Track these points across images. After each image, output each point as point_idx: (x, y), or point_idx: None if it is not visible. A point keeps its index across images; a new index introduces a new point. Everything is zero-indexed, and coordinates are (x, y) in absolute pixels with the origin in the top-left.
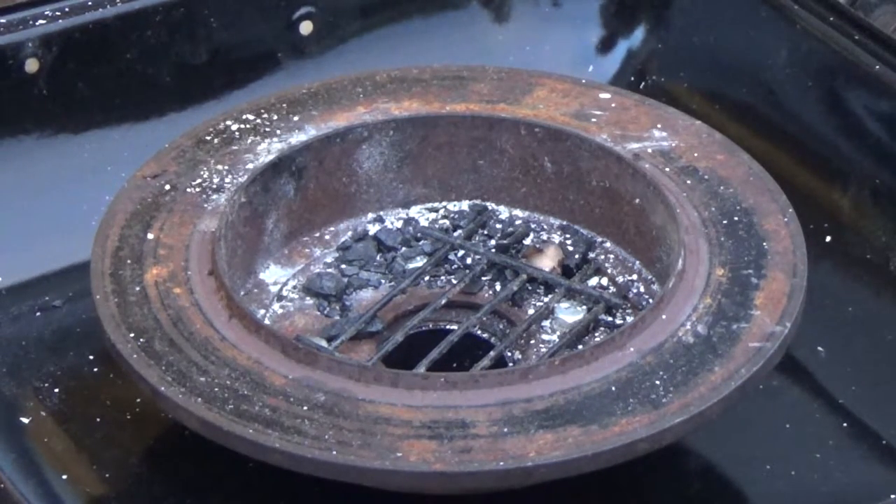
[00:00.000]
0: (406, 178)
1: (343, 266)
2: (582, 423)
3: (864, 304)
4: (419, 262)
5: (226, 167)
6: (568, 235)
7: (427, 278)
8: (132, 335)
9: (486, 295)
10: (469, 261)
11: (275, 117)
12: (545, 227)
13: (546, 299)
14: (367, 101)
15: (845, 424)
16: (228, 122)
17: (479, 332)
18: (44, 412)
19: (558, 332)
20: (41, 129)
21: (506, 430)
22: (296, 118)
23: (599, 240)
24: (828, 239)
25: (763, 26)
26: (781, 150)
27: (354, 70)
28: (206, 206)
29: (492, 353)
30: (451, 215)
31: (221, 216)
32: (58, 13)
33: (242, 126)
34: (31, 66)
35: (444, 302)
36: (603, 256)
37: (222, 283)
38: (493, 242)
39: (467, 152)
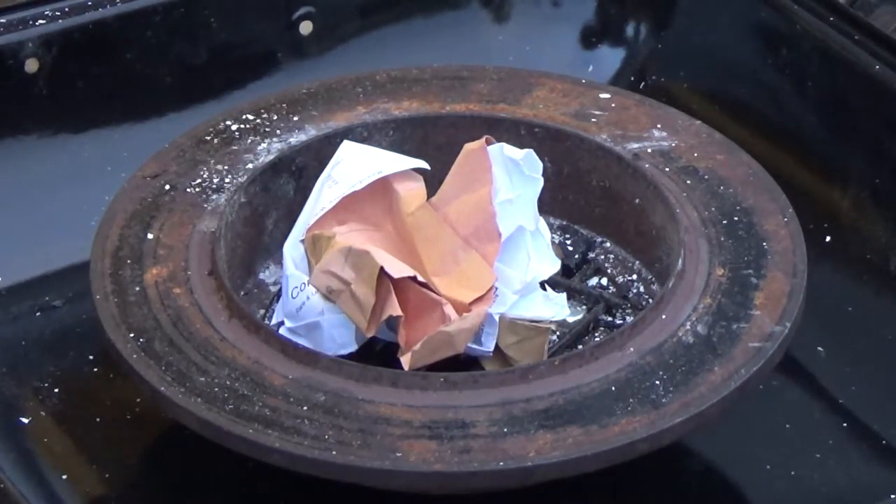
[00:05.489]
0: None
1: None
2: (582, 423)
3: (864, 304)
4: None
5: (226, 167)
6: (568, 235)
7: None
8: (132, 335)
9: None
10: None
11: (275, 117)
12: None
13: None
14: (367, 101)
15: (845, 424)
16: (228, 122)
17: None
18: (44, 412)
19: (558, 332)
20: (41, 129)
21: (506, 430)
22: (296, 118)
23: (599, 240)
24: (828, 239)
25: (763, 26)
26: (781, 150)
27: (354, 70)
28: (206, 206)
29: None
30: None
31: (221, 216)
32: (58, 13)
33: (242, 126)
34: (31, 66)
35: None
36: (603, 256)
37: (222, 283)
38: None
39: None
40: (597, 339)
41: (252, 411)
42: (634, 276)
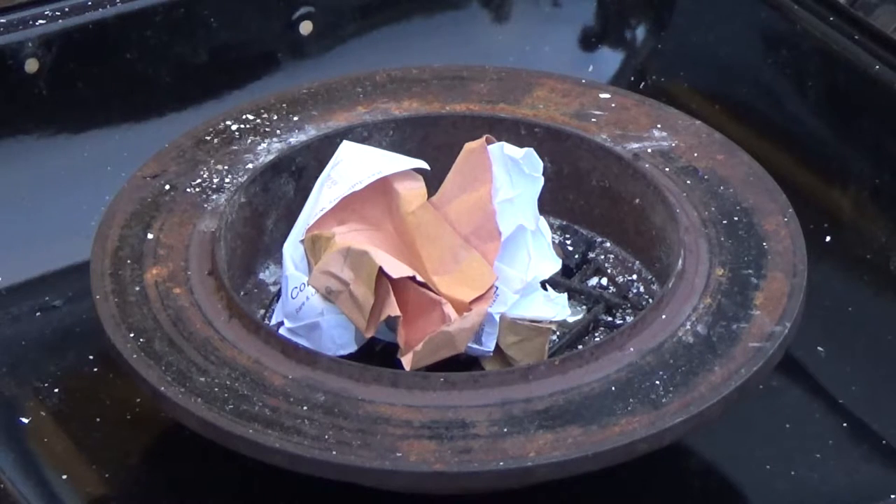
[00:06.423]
0: None
1: None
2: (582, 423)
3: (864, 304)
4: None
5: (226, 167)
6: (568, 235)
7: None
8: (132, 335)
9: None
10: None
11: (275, 117)
12: None
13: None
14: (367, 101)
15: (845, 424)
16: (228, 122)
17: None
18: (44, 412)
19: (558, 332)
20: (41, 129)
21: (506, 430)
22: (296, 118)
23: (599, 240)
24: (828, 239)
25: (763, 26)
26: (781, 150)
27: (354, 70)
28: (206, 206)
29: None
30: None
31: (221, 216)
32: (58, 13)
33: (242, 126)
34: (31, 66)
35: None
36: (603, 256)
37: (222, 283)
38: None
39: None
40: (597, 339)
41: (252, 411)
42: (634, 276)
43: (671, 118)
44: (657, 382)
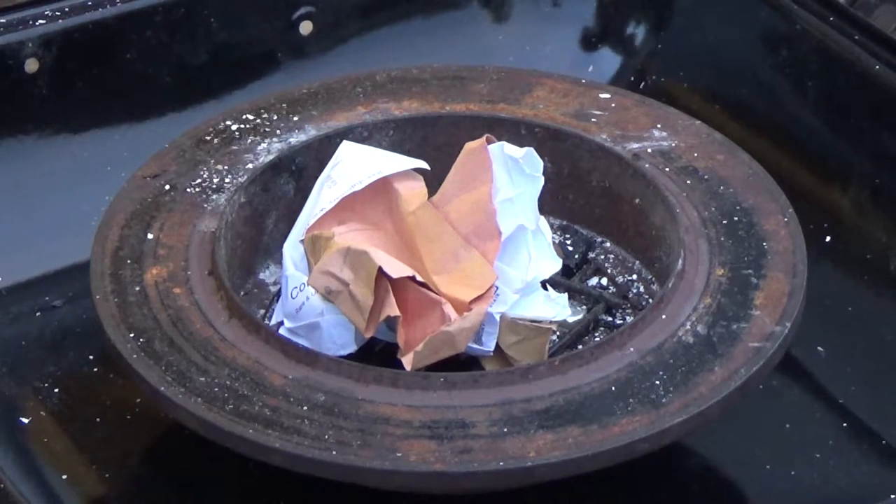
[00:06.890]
0: None
1: None
2: (582, 423)
3: (864, 304)
4: None
5: (226, 167)
6: (568, 235)
7: None
8: (132, 335)
9: None
10: None
11: (275, 117)
12: None
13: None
14: (367, 101)
15: (845, 424)
16: (228, 122)
17: None
18: (44, 412)
19: (558, 332)
20: (41, 129)
21: (506, 430)
22: (296, 118)
23: (599, 240)
24: (828, 239)
25: (763, 26)
26: (781, 150)
27: (354, 70)
28: (206, 206)
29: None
30: None
31: (221, 216)
32: (58, 13)
33: (242, 126)
34: (31, 66)
35: None
36: (603, 256)
37: (222, 283)
38: None
39: None
40: (597, 339)
41: (252, 411)
42: (634, 276)
43: (671, 118)
44: (657, 382)
